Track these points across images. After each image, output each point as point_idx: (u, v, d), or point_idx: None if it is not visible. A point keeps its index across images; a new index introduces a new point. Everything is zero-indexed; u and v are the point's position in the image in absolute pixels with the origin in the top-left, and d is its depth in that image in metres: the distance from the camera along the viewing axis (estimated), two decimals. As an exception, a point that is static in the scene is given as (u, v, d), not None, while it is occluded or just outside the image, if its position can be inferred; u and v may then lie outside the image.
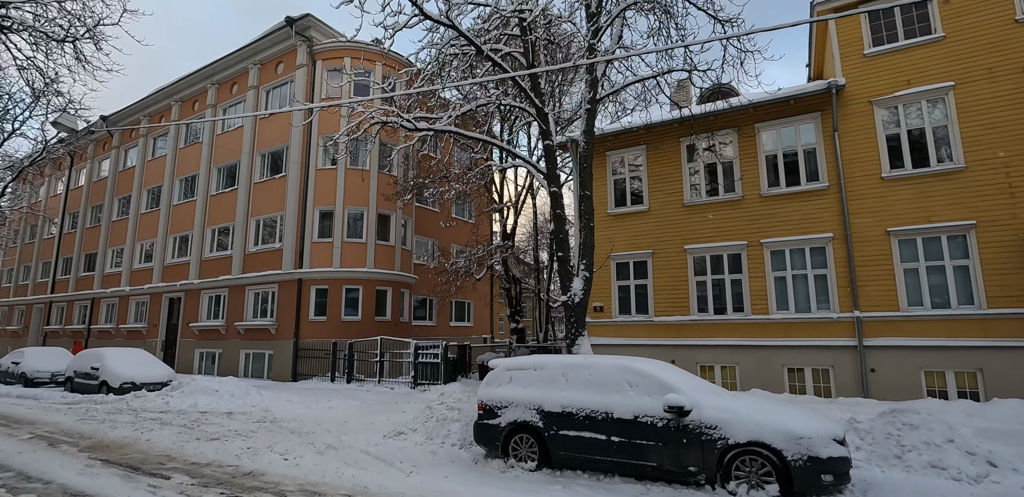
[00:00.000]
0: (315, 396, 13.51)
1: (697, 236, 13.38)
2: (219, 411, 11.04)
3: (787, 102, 12.37)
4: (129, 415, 10.51)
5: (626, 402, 5.60)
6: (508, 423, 6.22)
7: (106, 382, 12.90)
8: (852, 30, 12.10)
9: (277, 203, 19.92)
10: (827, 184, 11.98)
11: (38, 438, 8.47)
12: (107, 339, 25.45)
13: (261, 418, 10.17)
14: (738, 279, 12.78)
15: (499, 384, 6.56)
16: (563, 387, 6.06)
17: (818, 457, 4.77)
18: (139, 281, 24.60)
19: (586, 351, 9.08)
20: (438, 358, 15.00)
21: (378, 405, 12.20)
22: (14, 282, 33.55)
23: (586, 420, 5.75)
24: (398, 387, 15.48)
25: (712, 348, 12.77)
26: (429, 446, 7.43)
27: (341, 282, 18.53)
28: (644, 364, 5.99)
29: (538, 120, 9.70)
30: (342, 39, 20.17)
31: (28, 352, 16.50)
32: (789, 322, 12.05)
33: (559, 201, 9.59)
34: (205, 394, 12.32)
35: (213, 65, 22.99)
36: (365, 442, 7.85)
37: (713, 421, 5.17)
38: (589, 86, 9.67)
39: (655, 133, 14.20)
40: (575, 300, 9.14)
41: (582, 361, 6.22)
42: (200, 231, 22.36)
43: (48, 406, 12.08)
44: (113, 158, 28.48)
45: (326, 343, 17.64)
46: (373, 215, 19.32)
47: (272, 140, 20.74)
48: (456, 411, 8.02)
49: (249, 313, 19.92)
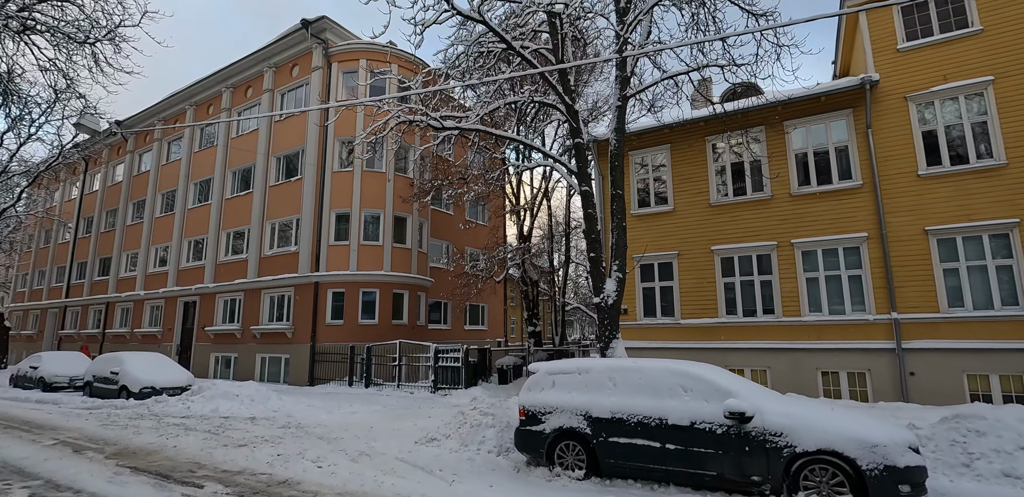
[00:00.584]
0: (336, 401, 13.30)
1: (725, 237, 13.09)
2: (242, 416, 10.84)
3: (818, 99, 12.09)
4: (151, 420, 10.33)
5: (681, 407, 5.33)
6: (553, 429, 5.96)
7: (126, 387, 12.74)
8: (884, 25, 11.82)
9: (293, 206, 19.80)
10: (860, 182, 11.67)
11: (62, 444, 8.29)
12: (122, 343, 25.41)
13: (285, 424, 9.96)
14: (768, 280, 12.47)
15: (541, 389, 6.31)
16: (611, 392, 5.80)
17: (895, 466, 4.48)
18: (154, 285, 24.55)
19: (620, 354, 8.81)
20: (459, 362, 14.76)
21: (401, 410, 11.98)
22: (29, 287, 33.67)
23: (638, 427, 5.49)
24: (418, 391, 15.24)
25: (742, 351, 12.45)
26: (465, 453, 7.18)
27: (358, 285, 18.35)
28: (697, 368, 5.72)
29: (568, 118, 9.48)
30: (357, 41, 20.10)
31: (46, 356, 16.41)
32: (822, 324, 11.72)
33: (590, 200, 9.36)
34: (226, 399, 12.14)
35: (227, 69, 22.99)
36: (398, 449, 7.61)
37: (778, 428, 4.89)
38: (619, 83, 9.45)
39: (679, 132, 13.94)
40: (608, 302, 8.88)
41: (630, 364, 5.95)
42: (215, 235, 22.28)
43: (68, 411, 11.93)
44: (128, 162, 28.54)
45: (343, 347, 17.46)
46: (390, 217, 19.16)
47: (288, 143, 20.66)
48: (490, 417, 7.77)
49: (265, 317, 19.78)
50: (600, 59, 7.44)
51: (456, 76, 10.49)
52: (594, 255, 9.18)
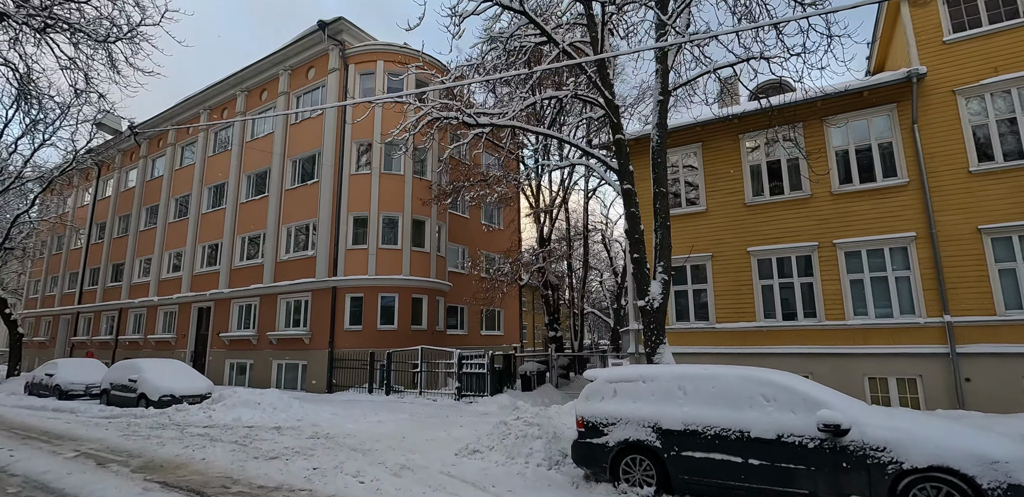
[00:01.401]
0: (359, 409, 12.88)
1: (761, 237, 12.63)
2: (266, 426, 10.43)
3: (859, 94, 11.65)
4: (174, 430, 9.93)
5: (765, 419, 4.88)
6: (617, 442, 5.52)
7: (145, 395, 12.37)
8: (929, 16, 11.39)
9: (309, 210, 19.49)
10: (907, 180, 11.20)
11: (84, 456, 7.91)
12: (135, 350, 25.10)
13: (313, 434, 9.54)
14: (809, 282, 11.98)
15: (601, 398, 5.87)
16: (682, 401, 5.35)
17: (1019, 485, 4.01)
18: (167, 291, 24.27)
19: (668, 360, 8.35)
20: (484, 368, 14.31)
21: (429, 419, 11.55)
22: (41, 293, 33.51)
23: (715, 440, 5.04)
24: (441, 399, 14.80)
25: (781, 356, 11.92)
26: (513, 466, 6.73)
27: (376, 290, 17.97)
28: (779, 375, 5.28)
29: (608, 113, 9.09)
30: (374, 42, 19.86)
31: (62, 364, 16.08)
32: (869, 328, 11.22)
33: (633, 199, 8.94)
34: (248, 407, 11.74)
35: (242, 72, 22.79)
36: (439, 461, 7.17)
37: (880, 441, 4.43)
38: (660, 77, 9.06)
39: (711, 130, 13.53)
40: (654, 304, 8.44)
41: (702, 372, 5.51)
42: (230, 239, 21.99)
43: (87, 420, 11.56)
44: (141, 168, 28.38)
45: (362, 353, 17.06)
46: (408, 221, 18.80)
47: (303, 146, 20.38)
48: (536, 427, 7.32)
49: (281, 322, 19.42)
50: (647, 47, 7.06)
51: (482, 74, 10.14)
52: (637, 256, 8.75)
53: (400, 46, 19.49)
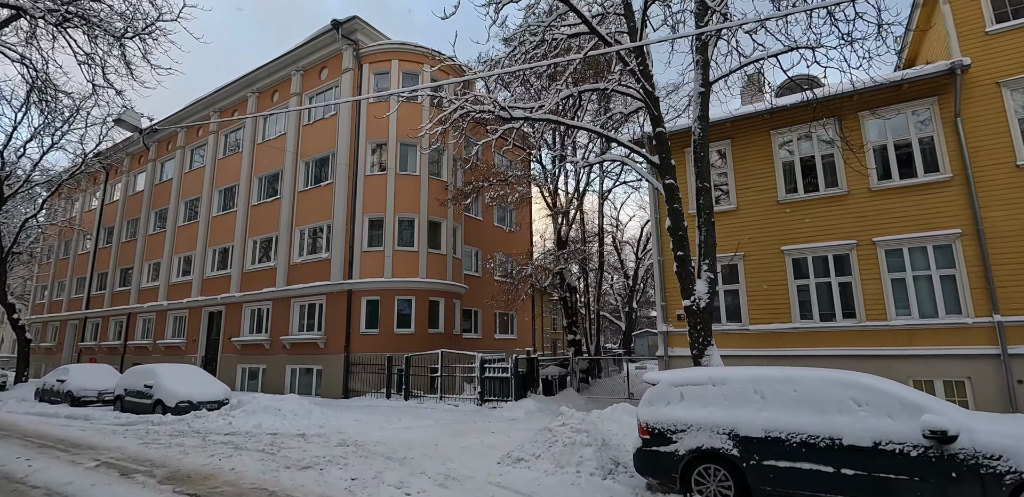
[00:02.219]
0: (380, 415, 12.50)
1: (795, 236, 12.24)
2: (289, 433, 10.04)
3: (898, 87, 11.28)
4: (195, 438, 9.54)
5: (858, 425, 4.49)
6: (689, 450, 5.12)
7: (161, 401, 11.98)
8: (970, 7, 11.05)
9: (323, 212, 19.16)
10: (950, 175, 10.82)
11: (106, 466, 7.53)
12: (144, 355, 24.74)
13: (341, 441, 9.14)
14: (847, 282, 11.58)
15: (666, 403, 5.47)
16: (760, 406, 4.96)
17: None
18: (177, 295, 23.93)
19: (717, 362, 7.96)
20: (507, 372, 13.90)
21: (457, 425, 11.14)
22: (48, 298, 33.20)
23: (801, 448, 4.64)
24: (463, 404, 14.38)
25: (819, 359, 11.49)
26: (564, 476, 6.33)
27: (393, 293, 17.60)
28: (866, 377, 4.89)
29: (648, 105, 8.75)
30: (389, 41, 19.59)
31: (73, 369, 15.69)
32: (912, 329, 10.80)
33: (675, 195, 8.58)
34: (268, 413, 11.36)
35: (253, 73, 22.54)
36: (484, 471, 6.78)
37: (994, 449, 4.04)
38: (701, 68, 8.72)
39: (741, 127, 13.18)
40: (700, 304, 8.06)
41: (779, 374, 5.13)
42: (241, 243, 21.66)
43: (102, 427, 11.17)
44: (149, 171, 28.13)
45: (379, 357, 16.67)
46: (424, 222, 18.45)
47: (316, 147, 20.08)
48: (583, 434, 6.92)
49: (295, 326, 19.05)
50: (689, 33, 6.72)
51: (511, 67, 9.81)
52: (682, 254, 8.37)
53: (415, 45, 19.22)
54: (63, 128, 22.59)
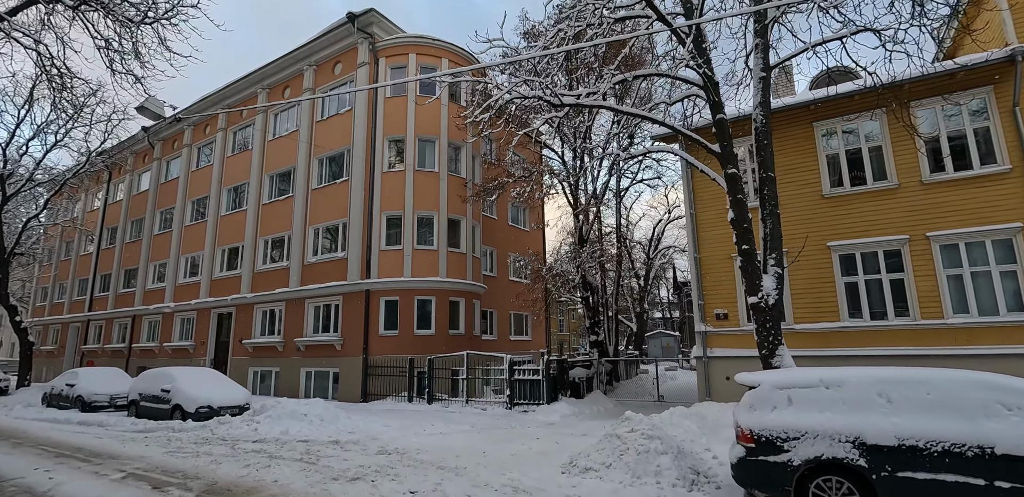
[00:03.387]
0: (410, 419, 11.92)
1: (842, 231, 11.77)
2: (321, 440, 9.47)
3: (951, 76, 10.82)
4: (222, 446, 8.97)
5: (1012, 432, 3.98)
6: (806, 461, 4.60)
7: (180, 406, 11.39)
8: (1028, -9, 10.62)
9: (338, 210, 18.61)
10: (1009, 167, 10.36)
11: (133, 478, 6.96)
12: (150, 358, 24.10)
13: (380, 449, 8.59)
14: (899, 279, 11.10)
15: (772, 407, 4.95)
16: (887, 411, 4.45)
17: None
18: (184, 296, 23.30)
19: (789, 363, 7.45)
20: (538, 375, 13.35)
21: (495, 430, 10.59)
22: (49, 301, 32.50)
23: (944, 457, 4.13)
24: (491, 408, 13.84)
25: (870, 359, 11.00)
26: (644, 487, 5.80)
27: (412, 293, 17.04)
28: (1012, 379, 4.38)
29: (707, 89, 8.28)
30: (405, 34, 19.08)
31: (83, 373, 15.06)
32: (972, 327, 10.33)
33: (738, 185, 8.10)
34: (294, 419, 10.79)
35: (263, 69, 21.99)
36: (552, 482, 6.24)
37: None
38: (761, 51, 8.26)
39: (779, 118, 12.67)
40: (769, 301, 7.56)
41: (907, 375, 4.62)
42: (252, 242, 21.07)
43: (120, 435, 10.58)
44: (154, 170, 27.51)
45: (399, 359, 16.10)
46: (444, 220, 17.92)
47: (331, 144, 19.53)
48: (657, 441, 6.40)
49: (309, 328, 18.47)
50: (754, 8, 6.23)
51: (571, 39, 9.27)
52: (747, 248, 7.87)
53: (433, 39, 18.73)
54: (67, 125, 22.02)
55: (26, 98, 21.72)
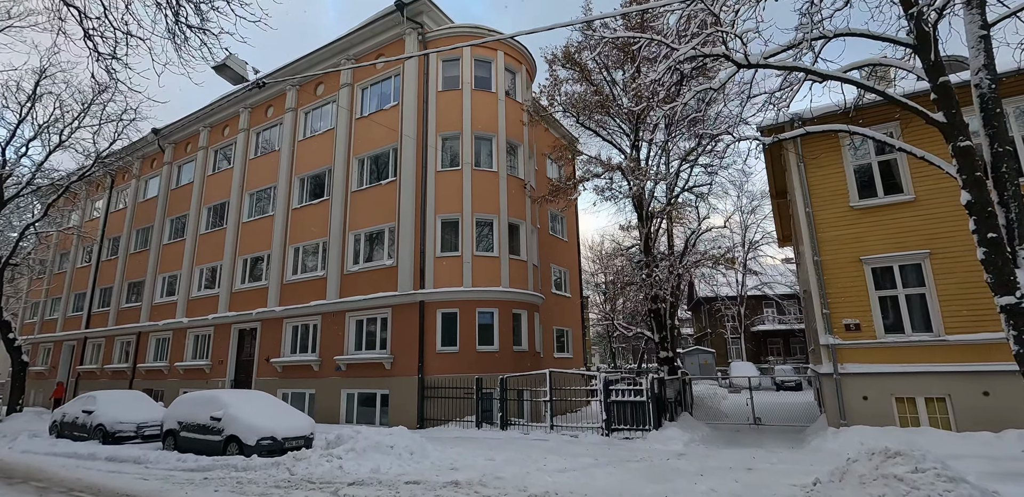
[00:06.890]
0: (506, 450, 10.09)
1: None
2: (432, 481, 7.60)
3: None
4: (319, 492, 7.09)
5: None
6: None
7: (237, 438, 9.40)
8: None
9: (384, 213, 16.90)
10: None
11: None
12: (158, 379, 21.85)
13: (522, 493, 6.78)
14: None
15: None
16: None
17: None
18: (199, 311, 21.21)
19: (1072, 381, 5.90)
20: (642, 395, 11.63)
21: (630, 464, 8.80)
22: (40, 317, 29.97)
23: None
24: (583, 435, 12.06)
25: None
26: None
27: (473, 304, 15.29)
28: None
29: (918, 49, 6.92)
30: (458, 25, 17.73)
31: (102, 398, 12.88)
32: None
33: (972, 160, 6.66)
34: (380, 452, 8.94)
35: (294, 64, 20.40)
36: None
37: None
38: (977, 7, 6.93)
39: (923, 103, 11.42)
40: (1033, 302, 6.04)
41: None
42: (280, 251, 19.19)
43: (168, 475, 8.58)
44: (164, 175, 25.57)
45: (460, 379, 14.27)
46: (504, 224, 16.31)
47: (373, 142, 17.92)
48: (965, 486, 4.75)
49: (351, 344, 16.56)
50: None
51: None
52: (994, 236, 6.39)
53: (488, 30, 17.39)
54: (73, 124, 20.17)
55: (28, 94, 19.90)
